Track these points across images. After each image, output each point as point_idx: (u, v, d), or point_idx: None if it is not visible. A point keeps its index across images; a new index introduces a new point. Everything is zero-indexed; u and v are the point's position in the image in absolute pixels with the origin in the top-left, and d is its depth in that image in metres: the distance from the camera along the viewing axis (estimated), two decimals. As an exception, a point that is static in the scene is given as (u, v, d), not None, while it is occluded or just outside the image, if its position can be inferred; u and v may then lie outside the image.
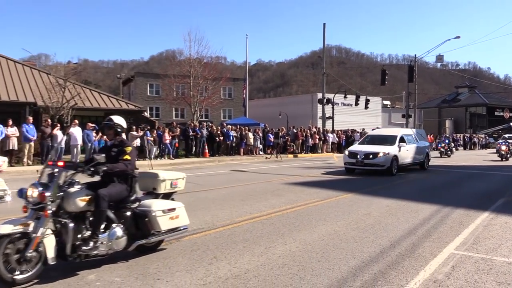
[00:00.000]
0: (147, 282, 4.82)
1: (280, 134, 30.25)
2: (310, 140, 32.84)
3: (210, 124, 29.19)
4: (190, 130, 25.79)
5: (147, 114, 39.69)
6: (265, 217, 8.57)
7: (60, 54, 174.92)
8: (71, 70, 29.28)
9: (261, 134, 30.44)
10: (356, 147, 19.71)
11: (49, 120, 20.72)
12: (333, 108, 40.40)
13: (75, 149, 20.27)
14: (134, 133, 20.24)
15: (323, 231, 7.39)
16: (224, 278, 4.99)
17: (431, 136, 45.41)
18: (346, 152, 18.82)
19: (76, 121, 21.24)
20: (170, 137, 24.34)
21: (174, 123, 28.28)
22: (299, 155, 30.99)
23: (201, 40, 55.40)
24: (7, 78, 28.50)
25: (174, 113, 52.34)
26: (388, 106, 78.50)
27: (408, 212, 9.33)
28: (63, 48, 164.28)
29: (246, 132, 29.08)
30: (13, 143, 18.50)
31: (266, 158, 27.39)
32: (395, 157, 17.59)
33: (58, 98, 23.36)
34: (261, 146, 30.18)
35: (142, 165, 19.88)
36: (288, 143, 31.12)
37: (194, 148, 26.14)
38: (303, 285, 4.82)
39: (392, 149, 17.76)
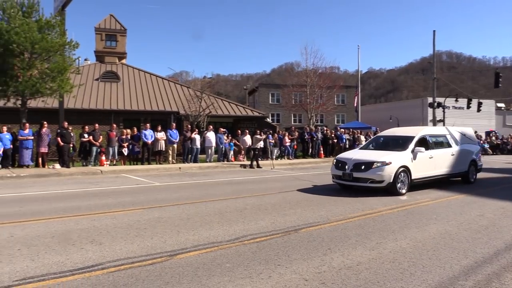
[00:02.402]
0: (269, 267, 4.91)
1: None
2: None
3: (325, 128, 28.94)
4: (306, 133, 25.88)
5: (269, 119, 40.59)
6: (376, 214, 8.24)
7: (197, 70, 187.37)
8: (206, 84, 31.06)
9: (372, 136, 29.36)
10: (348, 153, 12.92)
11: (189, 126, 22.22)
12: (444, 111, 37.50)
13: (209, 150, 21.45)
14: (258, 136, 20.83)
15: (434, 230, 6.89)
16: (338, 268, 4.90)
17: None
18: (334, 161, 12.13)
19: (211, 127, 22.46)
20: (290, 140, 24.60)
21: (293, 127, 28.49)
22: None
23: (316, 52, 55.44)
24: (157, 92, 31.31)
25: (292, 118, 52.89)
26: (503, 108, 70.69)
27: (525, 214, 8.29)
28: (200, 66, 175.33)
29: (358, 135, 28.36)
30: (161, 145, 20.09)
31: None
32: (405, 169, 11.01)
33: (196, 107, 24.98)
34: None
35: (265, 164, 20.47)
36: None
37: (310, 149, 26.13)
38: (413, 280, 4.53)
39: (398, 157, 11.14)
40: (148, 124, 20.50)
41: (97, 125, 18.97)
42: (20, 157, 16.62)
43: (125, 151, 19.06)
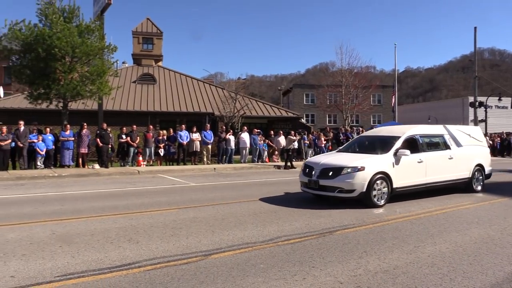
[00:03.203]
0: (303, 269, 4.88)
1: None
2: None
3: (361, 129, 28.48)
4: (341, 134, 25.53)
5: (303, 120, 40.37)
6: (414, 217, 8.03)
7: (232, 72, 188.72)
8: (241, 85, 31.22)
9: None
10: (319, 156, 11.50)
11: (224, 127, 22.42)
12: (486, 111, 36.16)
13: (244, 151, 21.56)
14: (292, 137, 20.75)
15: (476, 234, 6.65)
16: (374, 272, 4.81)
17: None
18: (303, 165, 10.48)
19: (245, 127, 22.56)
20: (324, 140, 24.39)
21: (328, 128, 28.24)
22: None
23: (351, 52, 54.85)
24: (192, 93, 31.79)
25: (327, 119, 52.44)
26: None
27: None
28: (235, 67, 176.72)
29: (395, 135, 27.67)
30: (197, 146, 20.35)
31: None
32: (383, 176, 9.13)
33: (231, 108, 25.15)
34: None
35: (300, 165, 20.32)
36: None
37: (345, 150, 25.75)
38: (453, 286, 4.38)
39: (375, 161, 9.33)
40: (183, 125, 20.82)
41: (134, 126, 19.45)
42: (62, 157, 17.25)
43: (161, 152, 19.47)
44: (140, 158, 18.76)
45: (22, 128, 16.32)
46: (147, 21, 36.84)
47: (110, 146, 18.18)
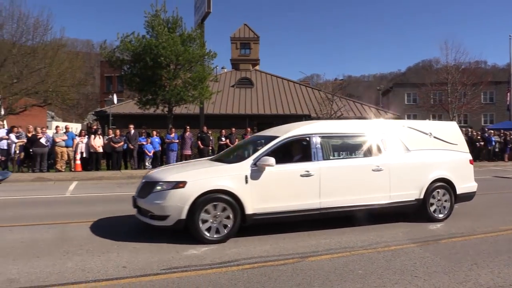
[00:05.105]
0: (405, 278, 4.66)
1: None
2: None
3: (470, 130, 26.35)
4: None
5: (404, 121, 38.48)
6: (534, 227, 7.22)
7: (328, 73, 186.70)
8: (338, 86, 30.84)
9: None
10: (169, 166, 8.61)
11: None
12: None
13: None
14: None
15: None
16: (486, 286, 4.41)
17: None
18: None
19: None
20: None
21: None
22: None
23: (458, 47, 50.92)
24: (288, 96, 32.08)
25: (431, 119, 49.47)
26: None
27: None
28: (331, 68, 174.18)
29: (511, 137, 25.11)
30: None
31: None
32: (227, 197, 6.19)
33: (328, 110, 24.89)
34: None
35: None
36: None
37: (452, 153, 23.99)
38: None
39: (211, 174, 6.49)
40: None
41: (233, 129, 20.18)
42: (167, 158, 18.49)
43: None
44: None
45: (132, 131, 17.80)
46: (244, 26, 38.01)
47: (210, 148, 19.05)
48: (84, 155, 16.73)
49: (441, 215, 7.73)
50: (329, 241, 6.23)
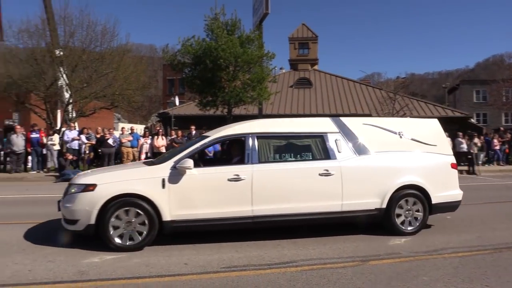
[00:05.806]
0: (474, 287, 4.41)
1: None
2: None
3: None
4: (522, 135, 22.32)
5: (473, 120, 36.59)
6: None
7: (390, 71, 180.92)
8: (400, 84, 29.79)
9: None
10: (93, 170, 7.94)
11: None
12: None
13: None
14: (460, 139, 18.89)
15: None
16: None
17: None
18: None
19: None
20: (499, 143, 21.63)
21: (503, 128, 24.97)
22: None
23: (534, 39, 47.39)
24: (348, 95, 31.57)
25: (503, 118, 46.56)
26: None
27: None
28: (393, 66, 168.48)
29: None
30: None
31: None
32: (139, 202, 5.73)
33: (389, 109, 24.18)
34: None
35: (481, 171, 18.43)
36: None
37: (527, 154, 22.43)
38: None
39: (123, 177, 6.09)
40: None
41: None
42: (226, 159, 18.81)
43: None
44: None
45: (193, 132, 18.27)
46: (302, 26, 37.84)
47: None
48: (149, 155, 17.45)
49: (410, 228, 6.62)
50: (391, 244, 6.06)
